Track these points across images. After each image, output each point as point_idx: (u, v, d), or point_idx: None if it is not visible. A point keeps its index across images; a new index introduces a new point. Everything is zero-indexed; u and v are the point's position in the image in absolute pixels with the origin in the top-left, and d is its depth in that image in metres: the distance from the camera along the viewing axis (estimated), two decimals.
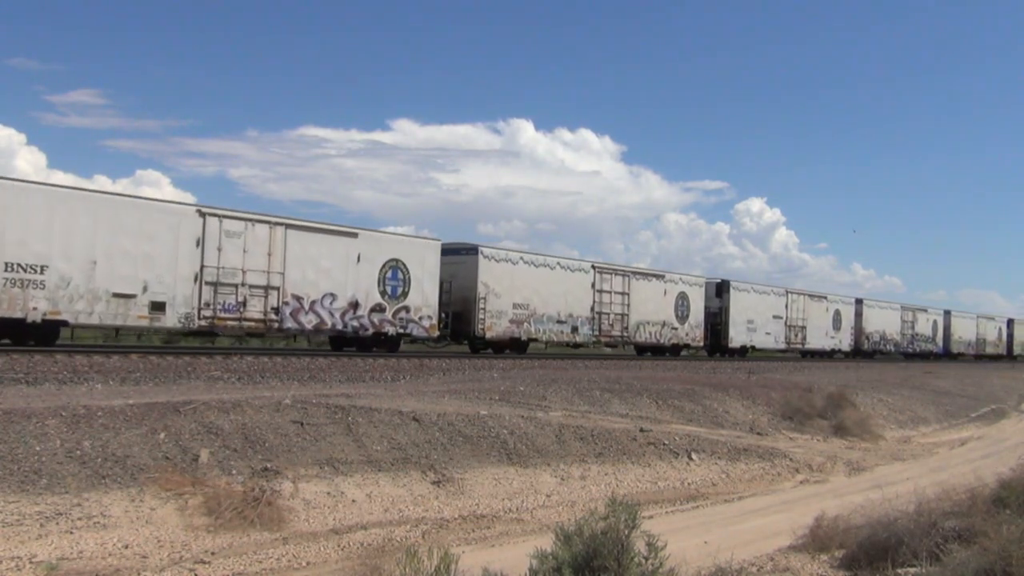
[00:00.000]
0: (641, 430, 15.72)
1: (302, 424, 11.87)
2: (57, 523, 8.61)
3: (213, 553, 8.84)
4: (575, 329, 31.47)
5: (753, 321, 40.78)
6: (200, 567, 8.52)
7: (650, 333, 35.09)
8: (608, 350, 36.15)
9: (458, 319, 27.89)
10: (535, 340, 30.43)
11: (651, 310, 35.26)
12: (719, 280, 40.30)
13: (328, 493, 10.75)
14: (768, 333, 41.89)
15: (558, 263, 31.37)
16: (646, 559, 6.24)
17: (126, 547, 8.63)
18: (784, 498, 14.12)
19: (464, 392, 15.96)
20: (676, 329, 36.43)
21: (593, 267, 32.96)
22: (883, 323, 52.51)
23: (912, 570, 8.04)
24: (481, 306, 27.70)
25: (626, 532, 6.28)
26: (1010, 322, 70.58)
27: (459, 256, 27.92)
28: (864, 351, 49.77)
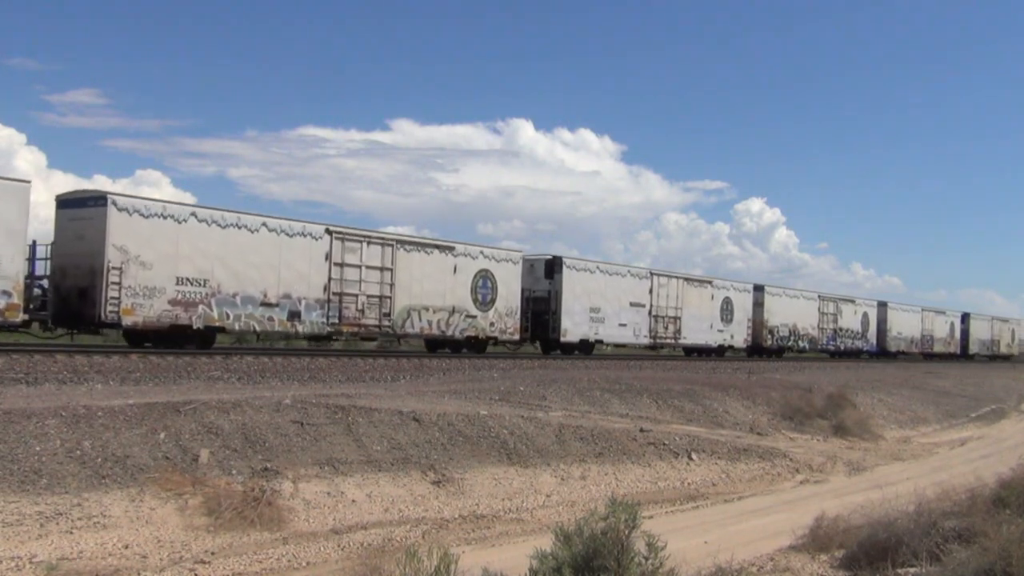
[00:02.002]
0: (641, 430, 15.72)
1: (302, 424, 11.87)
2: (57, 523, 8.61)
3: (213, 553, 8.84)
4: (295, 315, 22.61)
5: (600, 309, 31.87)
6: (200, 567, 8.52)
7: (429, 323, 26.01)
8: (369, 345, 28.76)
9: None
10: (222, 329, 21.96)
11: (432, 291, 26.15)
12: (549, 257, 31.61)
13: (328, 493, 10.75)
14: (623, 324, 33.03)
15: (263, 224, 22.28)
16: (646, 559, 6.24)
17: (126, 547, 8.63)
18: (784, 498, 14.12)
19: (464, 392, 15.96)
20: (473, 318, 27.33)
21: (329, 232, 23.54)
22: (793, 315, 44.02)
23: (912, 570, 8.04)
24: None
25: (626, 532, 6.27)
26: (964, 317, 63.53)
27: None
28: (766, 348, 41.83)
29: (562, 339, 30.58)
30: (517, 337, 29.13)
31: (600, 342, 32.92)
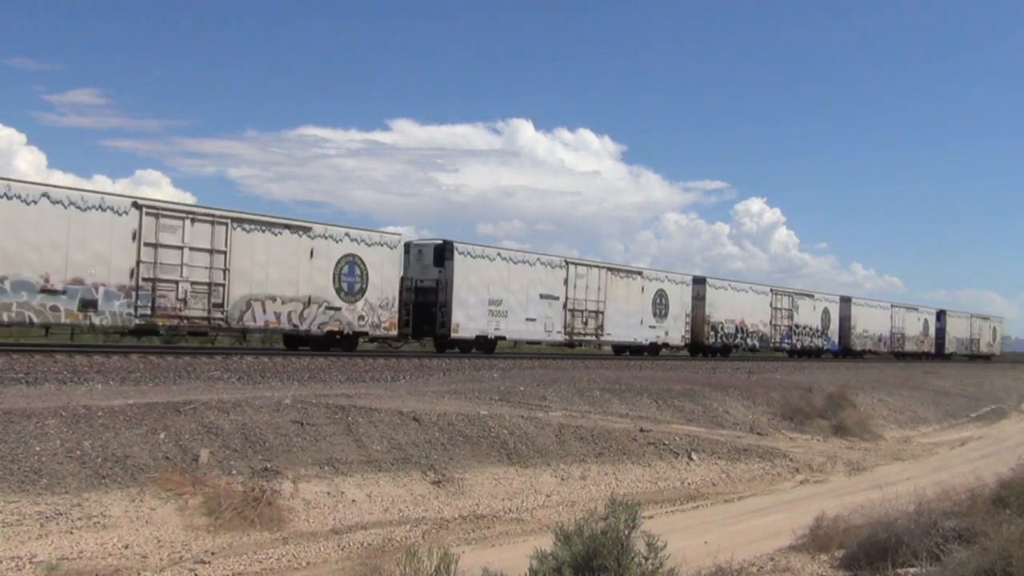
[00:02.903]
0: (641, 430, 15.72)
1: (302, 424, 11.87)
2: (57, 523, 8.61)
3: (213, 553, 8.84)
4: (89, 305, 18.98)
5: (502, 301, 28.04)
6: (200, 567, 8.52)
7: (277, 315, 22.31)
8: (194, 341, 24.11)
9: None
10: None
11: (280, 278, 22.44)
12: (438, 241, 27.58)
13: (328, 493, 10.75)
14: (531, 319, 29.27)
15: (45, 195, 18.51)
16: (646, 559, 6.24)
17: (126, 547, 8.63)
18: (784, 498, 14.12)
19: (464, 392, 15.96)
20: (336, 310, 23.59)
21: (138, 206, 19.95)
22: (740, 310, 39.92)
23: (912, 570, 8.04)
24: None
25: (626, 532, 6.27)
26: (940, 314, 59.61)
27: None
28: (708, 346, 38.04)
29: (453, 335, 26.75)
30: (395, 332, 25.57)
31: (501, 338, 28.85)
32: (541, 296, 29.91)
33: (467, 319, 27.31)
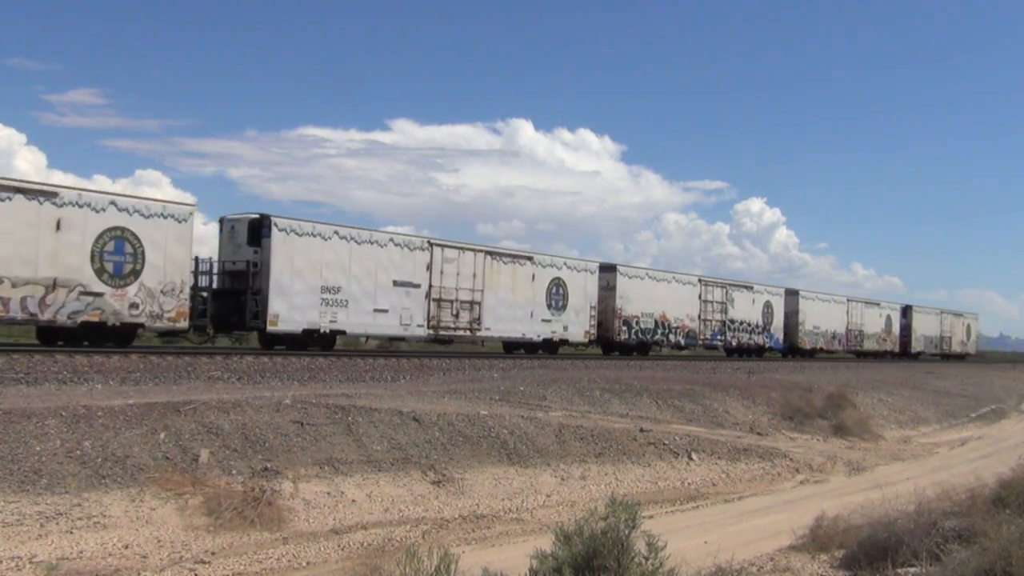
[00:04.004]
0: (641, 430, 15.72)
1: (302, 424, 11.87)
2: (57, 523, 8.61)
3: (213, 553, 8.84)
4: None
5: (340, 288, 23.65)
6: (200, 567, 8.52)
7: (3, 301, 17.95)
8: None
9: None
10: None
11: (11, 256, 18.01)
12: (255, 216, 22.84)
13: (328, 493, 10.75)
14: (382, 310, 24.77)
15: None
16: (646, 559, 6.24)
17: (126, 547, 8.63)
18: (784, 498, 14.12)
19: (464, 392, 15.96)
20: (97, 296, 19.25)
21: None
22: (661, 302, 35.10)
23: (912, 570, 8.04)
24: None
25: (626, 532, 6.28)
26: (906, 310, 54.95)
27: None
28: (620, 343, 33.51)
29: (270, 327, 22.21)
30: (184, 324, 21.03)
31: (340, 332, 24.12)
32: (396, 283, 25.10)
33: (290, 309, 22.55)
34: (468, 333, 27.72)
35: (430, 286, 26.10)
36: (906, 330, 54.04)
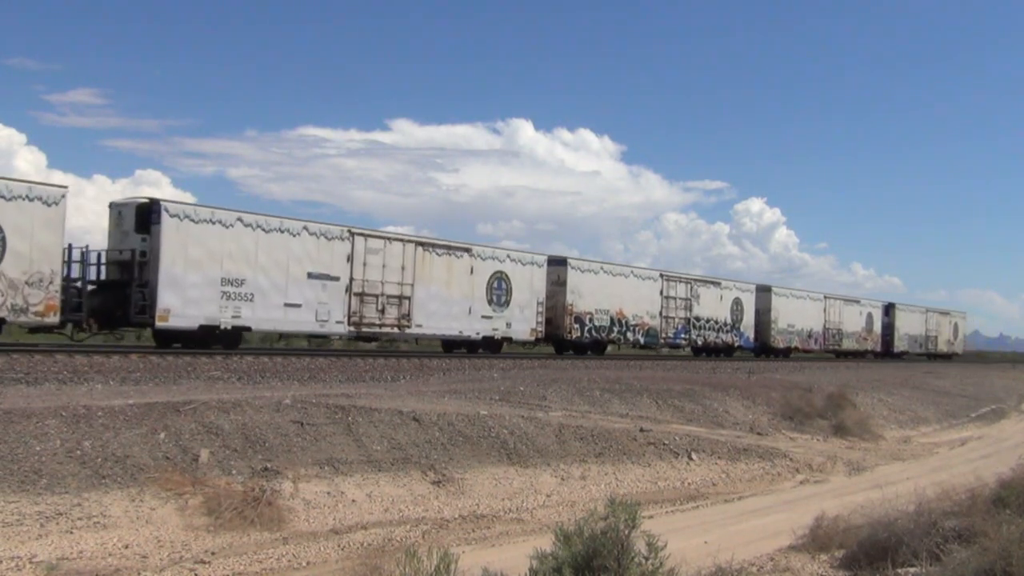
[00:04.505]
0: (641, 430, 15.72)
1: (302, 424, 11.87)
2: (57, 523, 8.61)
3: (213, 553, 8.85)
4: None
5: (244, 281, 21.52)
6: (200, 567, 8.53)
7: None
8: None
9: None
10: None
11: None
12: (143, 200, 21.04)
13: (328, 493, 10.76)
14: (294, 304, 22.70)
15: None
16: (646, 559, 6.24)
17: (126, 547, 8.63)
18: (784, 498, 14.12)
19: (464, 392, 15.96)
20: None
21: None
22: (619, 299, 33.07)
23: (912, 570, 8.04)
24: None
25: (626, 532, 6.28)
26: (888, 308, 52.73)
27: None
28: (571, 342, 31.72)
29: (159, 323, 20.24)
30: (54, 319, 18.89)
31: (245, 328, 22.14)
32: (311, 275, 23.05)
33: (184, 303, 20.50)
34: (396, 330, 25.56)
35: (351, 279, 23.93)
36: (888, 329, 52.14)
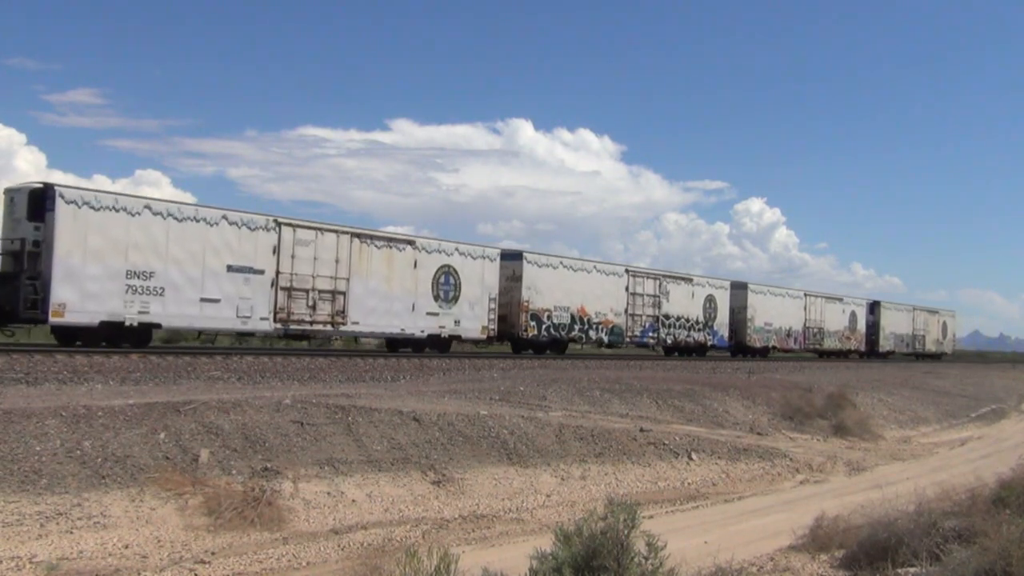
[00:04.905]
0: (641, 430, 15.72)
1: (302, 424, 11.87)
2: (57, 523, 8.61)
3: (213, 553, 8.85)
4: None
5: (153, 274, 19.97)
6: (200, 567, 8.53)
7: None
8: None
9: None
10: None
11: None
12: (36, 185, 19.28)
13: (328, 493, 10.76)
14: (212, 299, 21.07)
15: None
16: (646, 559, 6.24)
17: (126, 547, 8.63)
18: (784, 498, 14.12)
19: (464, 392, 15.97)
20: None
21: None
22: (580, 296, 31.57)
23: (912, 570, 8.05)
24: None
25: (626, 532, 6.28)
26: (874, 306, 51.06)
27: None
28: (527, 340, 30.09)
29: (54, 319, 18.71)
30: None
31: (155, 326, 20.52)
32: (231, 268, 21.41)
33: (82, 297, 18.92)
34: (329, 327, 23.80)
35: (278, 272, 22.29)
36: (873, 328, 50.42)
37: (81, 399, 11.44)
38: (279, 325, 22.47)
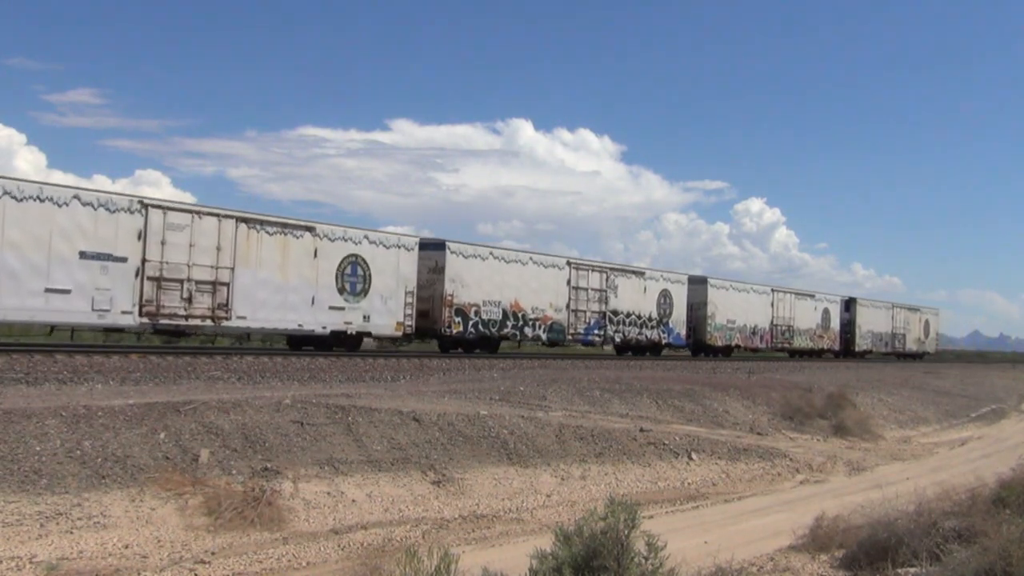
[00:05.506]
0: (641, 430, 15.72)
1: (302, 424, 11.87)
2: (57, 523, 8.61)
3: (213, 553, 8.85)
4: None
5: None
6: (200, 567, 8.52)
7: None
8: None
9: None
10: None
11: None
12: None
13: (328, 493, 10.76)
14: (61, 290, 18.58)
15: None
16: (646, 559, 6.24)
17: (126, 547, 8.63)
18: (784, 498, 14.12)
19: (464, 392, 15.97)
20: None
21: None
22: (513, 290, 29.03)
23: (912, 570, 8.05)
24: None
25: (626, 532, 6.28)
26: (849, 303, 48.89)
27: None
28: (451, 337, 27.55)
29: None
30: None
31: (53, 327, 19.28)
32: (84, 255, 18.97)
33: None
34: (209, 323, 21.20)
35: (144, 260, 19.73)
36: (849, 325, 48.31)
37: (81, 399, 11.44)
38: (146, 320, 19.93)
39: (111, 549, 8.53)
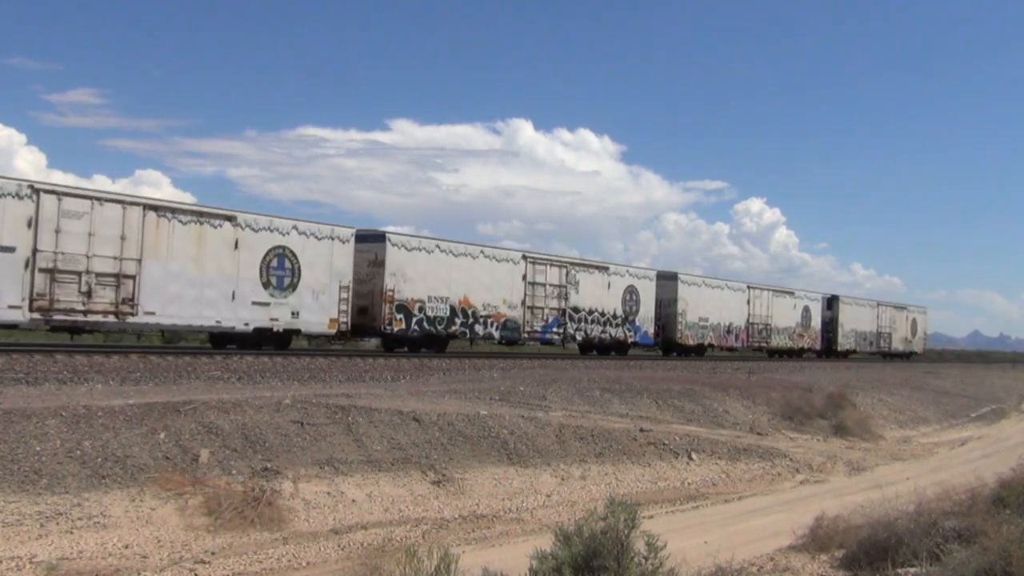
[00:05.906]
0: (641, 430, 15.72)
1: (302, 424, 11.87)
2: (57, 523, 8.61)
3: (213, 553, 8.85)
4: None
5: None
6: (200, 567, 8.53)
7: None
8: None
9: None
10: None
11: None
12: None
13: (328, 493, 10.76)
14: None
15: None
16: (646, 559, 6.24)
17: (126, 547, 8.63)
18: (784, 498, 14.12)
19: (464, 392, 15.97)
20: None
21: None
22: (463, 285, 27.41)
23: (912, 570, 8.05)
24: None
25: (626, 532, 6.28)
26: (831, 301, 47.11)
27: None
28: (393, 335, 25.94)
29: None
30: None
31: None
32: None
33: None
34: (112, 319, 19.41)
35: (35, 250, 17.94)
36: (831, 324, 46.55)
37: (81, 399, 11.44)
38: (37, 315, 18.09)
39: (111, 549, 8.53)
